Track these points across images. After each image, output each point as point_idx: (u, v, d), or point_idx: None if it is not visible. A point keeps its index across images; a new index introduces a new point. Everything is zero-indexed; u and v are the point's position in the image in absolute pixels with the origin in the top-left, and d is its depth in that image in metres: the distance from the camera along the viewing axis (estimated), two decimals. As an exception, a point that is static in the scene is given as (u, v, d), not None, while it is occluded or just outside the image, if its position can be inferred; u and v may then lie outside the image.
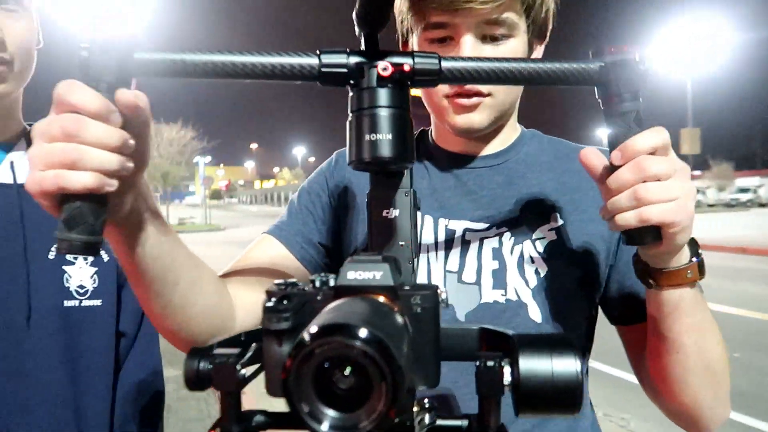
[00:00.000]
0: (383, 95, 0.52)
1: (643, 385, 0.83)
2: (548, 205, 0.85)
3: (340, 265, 0.45)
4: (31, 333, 0.87)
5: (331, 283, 0.46)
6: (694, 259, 0.64)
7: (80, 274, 0.92)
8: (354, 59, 0.52)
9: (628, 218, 0.56)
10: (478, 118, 0.83)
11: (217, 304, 0.73)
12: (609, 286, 0.84)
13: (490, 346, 0.50)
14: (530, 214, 0.84)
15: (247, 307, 0.76)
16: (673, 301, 0.67)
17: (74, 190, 0.50)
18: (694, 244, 0.65)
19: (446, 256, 0.84)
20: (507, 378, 0.42)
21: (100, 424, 0.93)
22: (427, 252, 0.85)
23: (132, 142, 0.54)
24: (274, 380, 0.44)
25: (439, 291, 0.46)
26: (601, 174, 0.60)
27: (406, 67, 0.53)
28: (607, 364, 4.35)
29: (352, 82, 0.53)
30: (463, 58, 0.56)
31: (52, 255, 0.91)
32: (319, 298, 0.45)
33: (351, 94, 0.54)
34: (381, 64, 0.51)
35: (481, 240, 0.83)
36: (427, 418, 0.45)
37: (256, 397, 0.67)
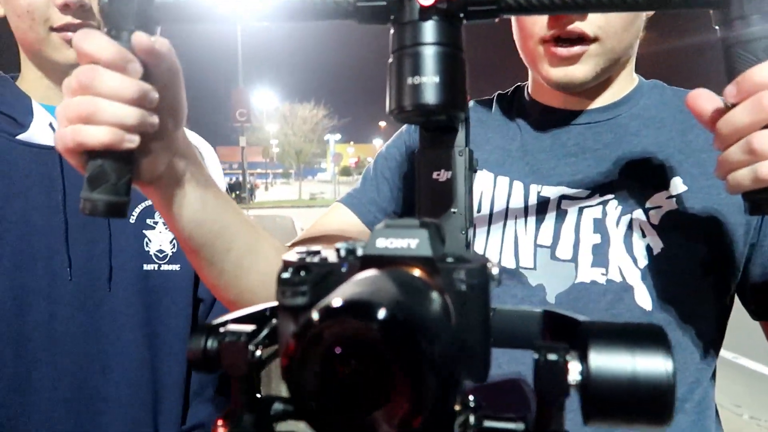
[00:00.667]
0: (428, 30, 0.43)
1: None
2: (668, 168, 0.71)
3: None
4: (111, 295, 0.90)
5: (359, 252, 0.38)
6: None
7: (160, 238, 0.94)
8: None
9: (742, 177, 0.45)
10: (580, 71, 0.71)
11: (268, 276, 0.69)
12: (750, 270, 0.69)
13: (557, 333, 0.42)
14: (644, 179, 0.71)
15: None
16: None
17: (92, 146, 0.48)
18: None
19: (537, 228, 0.74)
20: (574, 376, 0.33)
21: (177, 385, 0.96)
22: (515, 223, 0.74)
23: (155, 94, 0.50)
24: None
25: (489, 265, 0.37)
26: (711, 117, 0.48)
27: None
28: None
29: (393, 17, 0.45)
30: None
31: (133, 219, 0.93)
32: (343, 269, 0.38)
33: (392, 31, 0.45)
34: None
35: (581, 209, 0.72)
36: (471, 419, 0.37)
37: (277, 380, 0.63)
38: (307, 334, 0.28)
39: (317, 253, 0.40)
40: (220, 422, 0.39)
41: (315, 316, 0.28)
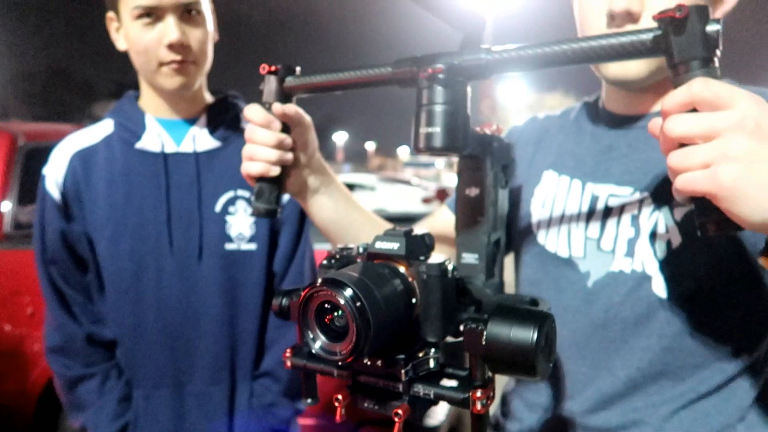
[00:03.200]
0: (435, 93, 0.60)
1: None
2: None
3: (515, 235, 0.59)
4: (200, 269, 1.18)
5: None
6: None
7: (239, 223, 1.19)
8: (414, 66, 0.62)
9: (674, 193, 0.51)
10: (634, 67, 0.76)
11: None
12: None
13: None
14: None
15: None
16: None
17: (253, 174, 0.78)
18: None
19: (587, 222, 0.83)
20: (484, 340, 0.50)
21: (251, 340, 1.22)
22: (570, 218, 0.86)
23: (289, 140, 0.78)
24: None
25: (446, 262, 0.55)
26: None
27: (450, 66, 0.59)
28: None
29: (417, 83, 0.63)
30: (511, 49, 0.58)
31: (218, 208, 1.19)
32: (358, 260, 0.59)
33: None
34: (424, 68, 0.60)
35: (623, 206, 0.80)
36: (431, 363, 0.56)
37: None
38: (305, 294, 0.50)
39: (349, 248, 0.61)
40: (288, 350, 0.62)
41: (311, 284, 0.50)
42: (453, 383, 0.54)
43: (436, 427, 2.42)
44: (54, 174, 1.18)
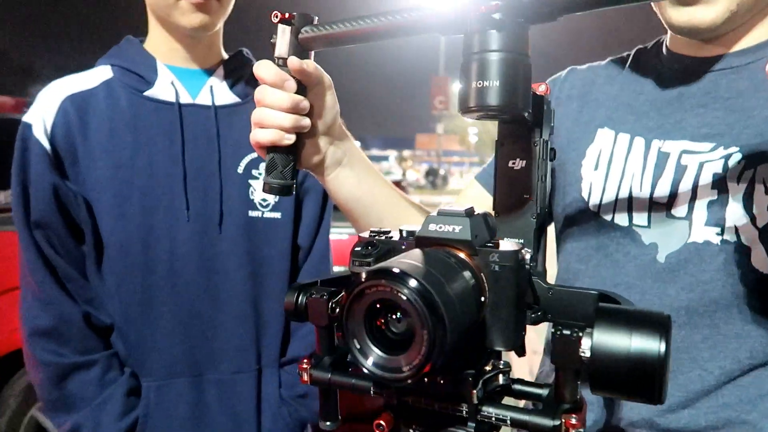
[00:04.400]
0: (492, 38, 0.48)
1: None
2: None
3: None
4: (222, 236, 1.00)
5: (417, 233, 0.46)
6: None
7: None
8: (460, 4, 0.50)
9: None
10: (707, 14, 0.65)
11: None
12: None
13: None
14: None
15: None
16: None
17: (262, 143, 0.65)
18: None
19: (654, 184, 0.71)
20: (585, 350, 0.38)
21: (277, 322, 1.06)
22: (632, 180, 0.73)
23: (306, 103, 0.65)
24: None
25: (523, 250, 0.43)
26: None
27: (506, 4, 0.47)
28: None
29: (465, 27, 0.51)
30: None
31: (240, 169, 1.02)
32: (403, 246, 0.46)
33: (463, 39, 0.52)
34: (478, 6, 0.48)
35: (701, 164, 0.67)
36: (500, 379, 0.44)
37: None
38: (353, 291, 0.37)
39: (387, 232, 0.48)
40: (305, 361, 0.49)
41: (361, 277, 0.37)
42: (534, 405, 0.42)
43: None
44: (40, 120, 0.95)
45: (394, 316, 0.38)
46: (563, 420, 0.39)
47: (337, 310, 0.49)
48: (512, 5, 0.47)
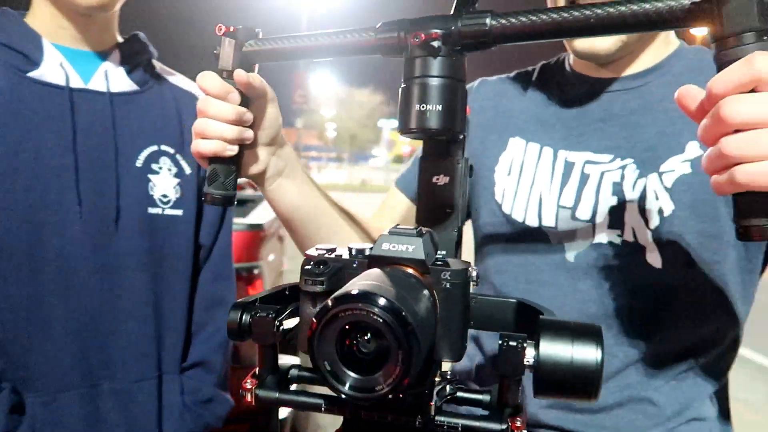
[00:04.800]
0: (431, 65, 0.51)
1: None
2: (686, 133, 0.72)
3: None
4: (119, 234, 0.93)
5: (367, 251, 0.48)
6: None
7: (164, 183, 0.97)
8: (402, 31, 0.53)
9: (720, 182, 0.44)
10: (605, 43, 0.73)
11: (360, 236, 0.84)
12: None
13: (524, 320, 0.51)
14: (662, 144, 0.73)
15: None
16: None
17: (205, 154, 0.66)
18: None
19: (561, 191, 0.78)
20: (529, 359, 0.42)
21: (179, 324, 1.00)
22: (541, 186, 0.80)
23: (249, 115, 0.67)
24: (305, 338, 0.47)
25: (470, 268, 0.47)
26: (697, 117, 0.47)
27: (445, 34, 0.50)
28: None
29: (405, 52, 0.53)
30: (518, 13, 0.51)
31: (139, 163, 0.96)
32: (354, 265, 0.47)
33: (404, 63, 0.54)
34: (415, 33, 0.50)
35: (602, 173, 0.75)
36: (447, 389, 0.47)
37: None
38: (324, 315, 0.38)
39: (334, 250, 0.49)
40: (248, 381, 0.49)
41: (331, 301, 0.38)
42: (481, 411, 0.46)
43: (285, 419, 2.26)
44: None
45: (364, 337, 0.39)
46: (509, 423, 0.43)
47: (282, 328, 0.49)
48: (450, 35, 0.50)
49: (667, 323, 0.74)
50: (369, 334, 0.39)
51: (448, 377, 0.47)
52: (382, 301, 0.37)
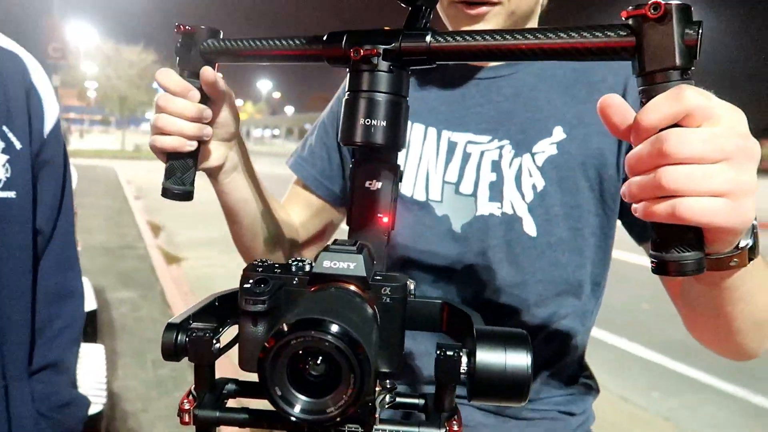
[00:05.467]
0: (377, 80, 0.52)
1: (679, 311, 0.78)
2: (552, 119, 0.82)
3: None
4: None
5: (307, 268, 0.48)
6: (742, 244, 0.48)
7: None
8: (345, 43, 0.53)
9: (654, 211, 0.44)
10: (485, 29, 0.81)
11: (288, 230, 0.92)
12: (626, 203, 0.77)
13: (452, 319, 0.54)
14: (533, 128, 0.82)
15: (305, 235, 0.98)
16: (711, 281, 0.56)
17: (164, 149, 0.68)
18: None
19: (446, 168, 0.85)
20: (464, 368, 0.45)
21: (22, 323, 0.89)
22: (428, 163, 0.86)
23: (209, 112, 0.70)
24: (247, 357, 0.47)
25: (408, 282, 0.49)
26: (621, 132, 0.47)
27: (388, 49, 0.51)
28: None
29: (351, 64, 0.53)
30: (457, 34, 0.52)
31: None
32: (295, 282, 0.48)
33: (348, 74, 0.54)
34: (355, 48, 0.51)
35: (482, 153, 0.83)
36: (387, 398, 0.49)
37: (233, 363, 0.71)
38: (278, 343, 0.38)
39: (273, 267, 0.49)
40: (185, 401, 0.48)
41: (285, 328, 0.38)
42: (415, 416, 0.48)
43: (100, 413, 2.08)
44: None
45: (315, 361, 0.40)
46: (447, 427, 0.46)
47: (218, 346, 0.49)
48: (391, 51, 0.51)
49: (539, 285, 0.82)
50: (320, 358, 0.40)
51: (387, 386, 0.49)
52: (335, 328, 0.38)
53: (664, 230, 0.44)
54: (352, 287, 0.46)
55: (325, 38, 0.55)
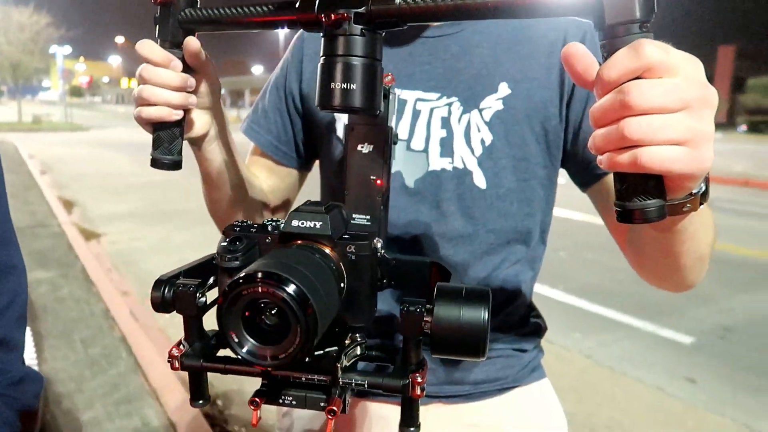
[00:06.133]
0: (352, 44, 0.53)
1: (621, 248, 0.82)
2: (498, 75, 0.84)
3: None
4: None
5: (281, 228, 0.51)
6: (695, 190, 0.49)
7: None
8: (318, 7, 0.54)
9: (617, 161, 0.44)
10: None
11: (262, 197, 0.95)
12: (570, 151, 0.85)
13: (440, 277, 0.55)
14: (480, 84, 0.84)
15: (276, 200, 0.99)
16: (664, 226, 0.58)
17: (150, 120, 0.68)
18: None
19: (397, 125, 0.87)
20: (427, 323, 0.47)
21: None
22: None
23: (192, 81, 0.70)
24: (224, 309, 0.51)
25: (375, 240, 0.50)
26: (583, 81, 0.47)
27: (358, 13, 0.52)
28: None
29: (325, 28, 0.54)
30: None
31: None
32: (267, 240, 0.51)
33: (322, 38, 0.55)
34: (327, 12, 0.52)
35: (432, 110, 0.86)
36: (357, 350, 0.52)
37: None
38: (231, 293, 0.41)
39: (250, 227, 0.52)
40: (174, 348, 0.52)
41: (239, 280, 0.41)
42: (386, 369, 0.50)
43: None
44: None
45: (271, 312, 0.43)
46: (410, 379, 0.48)
47: (202, 300, 0.53)
48: (362, 15, 0.52)
49: (491, 235, 0.85)
50: (272, 310, 0.42)
51: (358, 339, 0.52)
52: (285, 282, 0.40)
53: (628, 180, 0.45)
54: (320, 245, 0.49)
55: (298, 4, 0.56)
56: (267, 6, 0.58)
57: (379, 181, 0.62)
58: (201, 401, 0.54)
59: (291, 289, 0.40)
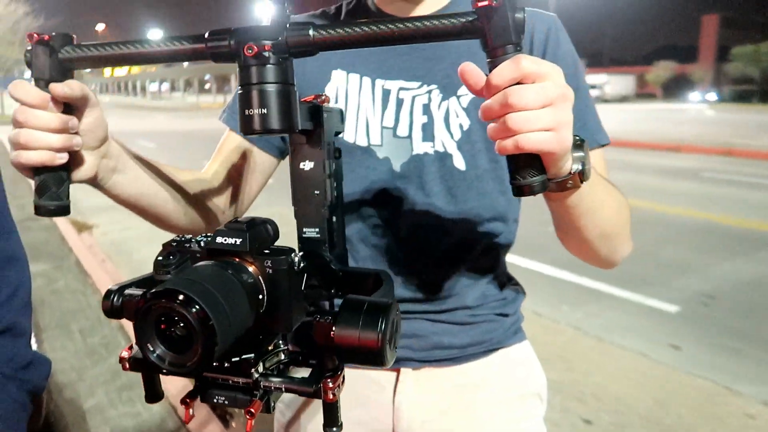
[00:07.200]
0: (265, 72, 0.56)
1: None
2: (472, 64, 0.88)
3: None
4: None
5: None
6: (575, 168, 0.63)
7: None
8: (232, 40, 0.57)
9: (506, 146, 0.56)
10: None
11: (207, 204, 0.95)
12: None
13: (376, 286, 0.60)
14: (456, 73, 0.85)
15: (232, 198, 1.00)
16: (559, 201, 0.71)
17: (32, 165, 0.65)
18: (579, 148, 0.64)
19: (383, 114, 0.93)
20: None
21: None
22: (366, 111, 0.94)
23: (75, 121, 0.67)
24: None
25: (292, 255, 0.54)
26: (477, 91, 0.59)
27: (277, 43, 0.55)
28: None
29: (239, 60, 0.58)
30: (336, 25, 0.57)
31: None
32: (198, 255, 0.56)
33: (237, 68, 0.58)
34: (248, 45, 0.55)
35: (413, 98, 0.92)
36: (281, 356, 0.56)
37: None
38: (142, 308, 0.46)
39: (187, 241, 0.57)
40: (125, 351, 0.58)
41: (148, 296, 0.46)
42: (303, 374, 0.54)
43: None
44: None
45: (179, 324, 0.48)
46: (322, 384, 0.52)
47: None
48: (279, 45, 0.55)
49: (472, 212, 0.92)
50: (178, 323, 0.47)
51: (281, 347, 0.56)
52: (182, 298, 0.45)
53: (516, 161, 0.57)
54: (242, 260, 0.53)
55: (207, 36, 0.58)
56: (169, 41, 0.61)
57: (317, 192, 0.65)
58: (153, 400, 0.60)
59: (191, 304, 0.45)
